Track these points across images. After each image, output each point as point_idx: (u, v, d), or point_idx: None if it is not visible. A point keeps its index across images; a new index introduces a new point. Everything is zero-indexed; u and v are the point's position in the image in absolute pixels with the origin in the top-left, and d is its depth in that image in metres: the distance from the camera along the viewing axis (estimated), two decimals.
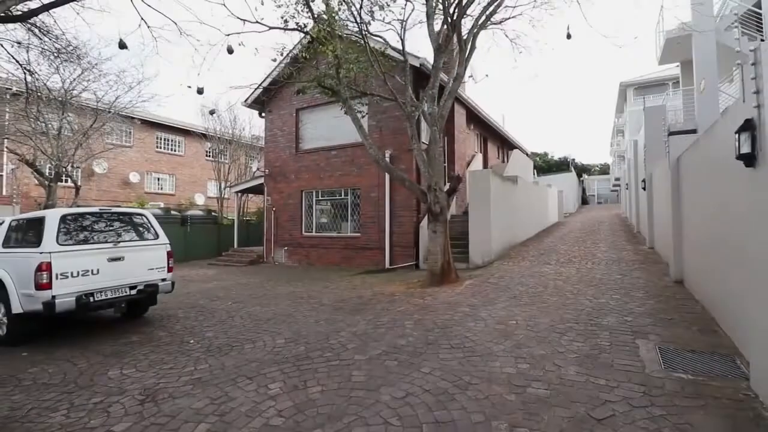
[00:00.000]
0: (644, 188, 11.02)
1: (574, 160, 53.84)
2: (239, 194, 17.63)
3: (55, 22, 7.33)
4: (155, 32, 6.53)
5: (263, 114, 15.24)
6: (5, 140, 14.27)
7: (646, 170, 11.03)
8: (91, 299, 5.25)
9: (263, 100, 14.85)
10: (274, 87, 14.11)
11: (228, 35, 8.05)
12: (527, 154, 24.76)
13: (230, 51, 7.74)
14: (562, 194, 24.01)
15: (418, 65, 10.65)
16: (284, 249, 14.26)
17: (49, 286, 4.85)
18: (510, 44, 9.33)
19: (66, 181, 15.50)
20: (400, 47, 8.33)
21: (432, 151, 7.33)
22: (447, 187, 8.02)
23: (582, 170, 53.97)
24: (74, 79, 13.02)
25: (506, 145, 21.46)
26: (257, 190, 16.22)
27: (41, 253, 4.88)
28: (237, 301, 7.65)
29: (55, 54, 8.95)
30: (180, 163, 26.10)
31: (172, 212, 17.44)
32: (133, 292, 5.73)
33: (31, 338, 5.26)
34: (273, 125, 14.90)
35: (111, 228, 5.73)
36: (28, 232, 5.34)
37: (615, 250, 10.52)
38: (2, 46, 6.77)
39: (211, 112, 9.78)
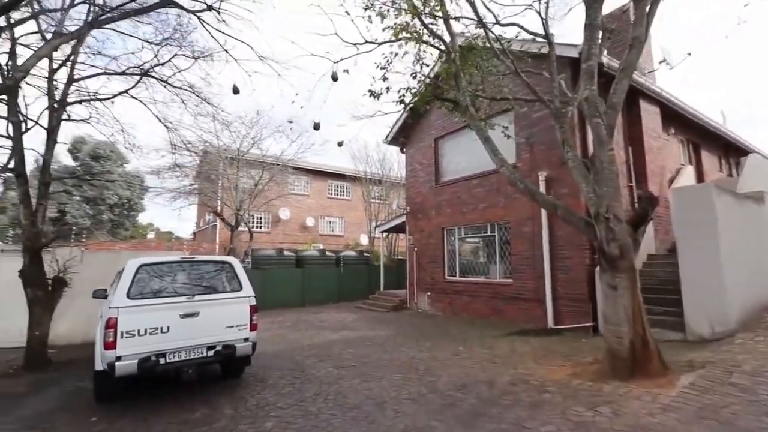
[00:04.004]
0: None
1: None
2: (385, 234, 17.12)
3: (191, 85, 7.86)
4: (248, 66, 6.14)
5: (404, 150, 14.50)
6: (205, 196, 17.42)
7: None
8: (161, 361, 4.63)
9: (402, 137, 14.14)
10: (410, 121, 13.28)
11: (337, 62, 7.36)
12: None
13: (335, 78, 6.97)
14: None
15: (576, 55, 7.95)
16: (427, 294, 12.63)
17: (113, 345, 4.39)
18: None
19: (244, 227, 17.79)
20: (541, 32, 6.09)
21: (598, 160, 4.68)
22: (630, 214, 5.10)
23: None
24: (242, 138, 14.93)
25: (732, 152, 15.24)
26: (401, 228, 15.32)
27: (110, 308, 4.52)
28: (342, 367, 6.29)
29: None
30: (348, 207, 28.04)
31: (327, 253, 18.03)
32: (210, 353, 4.95)
33: (115, 396, 4.92)
34: (413, 159, 13.92)
35: (191, 279, 5.18)
36: (116, 282, 5.20)
37: None
38: (147, 107, 7.52)
39: (339, 144, 9.36)
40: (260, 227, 23.23)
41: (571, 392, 4.32)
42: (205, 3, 5.41)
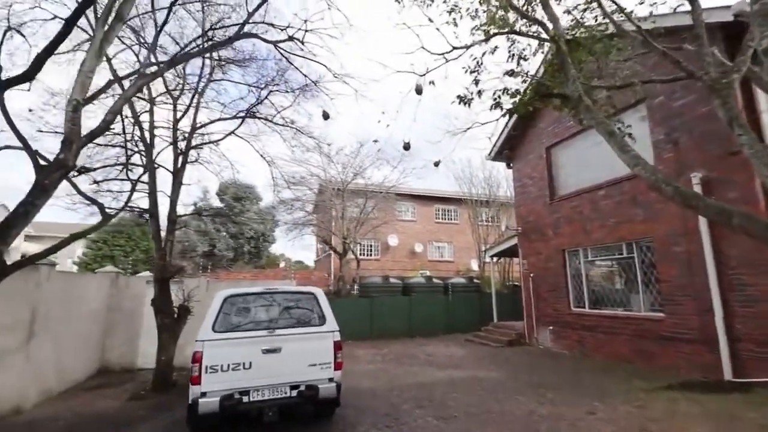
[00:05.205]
0: None
1: None
2: (496, 258, 15.63)
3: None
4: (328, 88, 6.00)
5: (510, 165, 13.20)
6: (317, 227, 18.35)
7: None
8: (244, 399, 4.40)
9: (506, 150, 12.90)
10: (515, 132, 12.06)
11: (423, 75, 6.87)
12: None
13: (419, 91, 6.48)
14: None
15: (729, 18, 6.08)
16: (549, 329, 10.85)
17: (198, 380, 4.30)
18: None
19: (352, 255, 18.11)
20: None
21: None
22: None
23: None
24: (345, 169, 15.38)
25: None
26: (513, 252, 13.75)
27: (196, 341, 4.48)
28: (443, 417, 5.37)
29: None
30: (456, 231, 26.98)
31: (434, 280, 17.17)
32: (294, 393, 4.58)
33: (207, 430, 4.84)
34: (521, 174, 12.53)
35: (274, 311, 4.96)
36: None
37: None
38: (251, 144, 7.99)
39: (436, 164, 8.80)
40: (370, 254, 23.55)
41: None
42: (287, 33, 5.50)
